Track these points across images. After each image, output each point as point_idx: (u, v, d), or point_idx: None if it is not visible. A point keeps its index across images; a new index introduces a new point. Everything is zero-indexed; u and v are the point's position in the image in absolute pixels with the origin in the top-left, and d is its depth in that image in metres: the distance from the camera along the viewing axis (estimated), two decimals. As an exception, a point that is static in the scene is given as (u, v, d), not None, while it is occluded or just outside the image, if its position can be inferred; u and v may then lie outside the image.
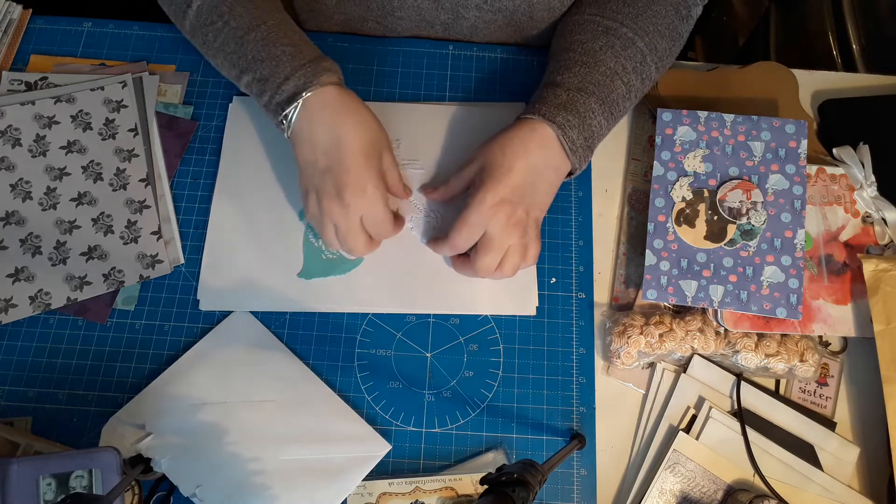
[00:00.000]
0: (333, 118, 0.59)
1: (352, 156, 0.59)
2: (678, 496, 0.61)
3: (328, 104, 0.60)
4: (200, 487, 0.59)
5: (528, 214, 0.61)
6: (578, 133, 0.61)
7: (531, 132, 0.61)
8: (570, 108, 0.61)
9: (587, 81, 0.62)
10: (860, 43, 1.05)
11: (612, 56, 0.63)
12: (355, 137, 0.59)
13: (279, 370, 0.64)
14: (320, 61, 0.61)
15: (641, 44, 0.64)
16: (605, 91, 0.62)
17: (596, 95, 0.62)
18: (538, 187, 0.61)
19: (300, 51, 0.61)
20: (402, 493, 0.60)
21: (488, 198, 0.59)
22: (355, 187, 0.59)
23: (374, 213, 0.60)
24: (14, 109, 0.71)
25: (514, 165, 0.60)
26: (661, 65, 0.66)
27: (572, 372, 0.66)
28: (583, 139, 0.61)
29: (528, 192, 0.60)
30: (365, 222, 0.61)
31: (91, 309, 0.66)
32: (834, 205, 0.70)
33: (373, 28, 0.77)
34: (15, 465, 0.52)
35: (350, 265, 0.67)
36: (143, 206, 0.69)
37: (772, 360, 0.63)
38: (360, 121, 0.60)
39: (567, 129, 0.60)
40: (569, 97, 0.61)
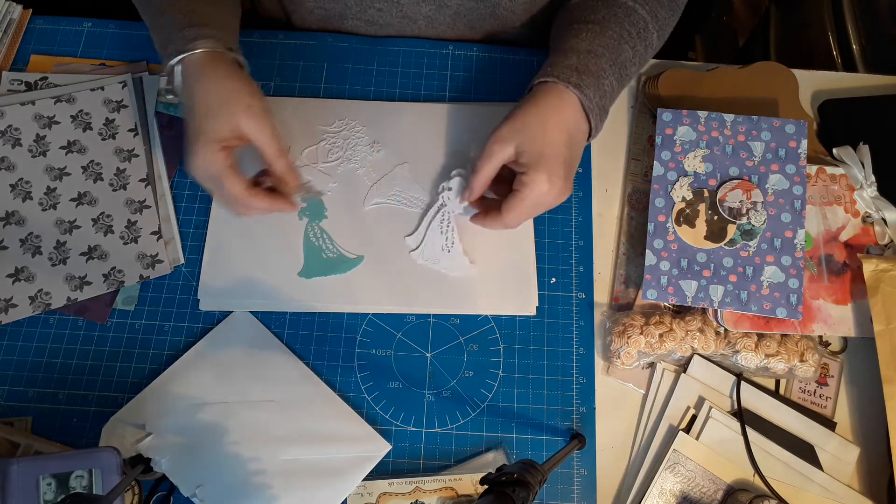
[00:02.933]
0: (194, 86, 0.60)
1: (192, 118, 0.60)
2: (678, 496, 0.61)
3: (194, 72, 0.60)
4: (200, 487, 0.59)
5: (569, 178, 0.61)
6: (594, 92, 0.61)
7: (559, 99, 0.61)
8: (584, 69, 0.61)
9: (596, 44, 0.63)
10: (860, 43, 1.05)
11: (615, 22, 0.64)
12: (199, 97, 0.60)
13: (279, 370, 0.64)
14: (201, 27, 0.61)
15: (643, 11, 0.65)
16: (615, 53, 0.63)
17: (606, 57, 0.62)
18: (575, 151, 0.62)
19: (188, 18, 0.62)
20: (402, 493, 0.60)
21: (547, 180, 0.59)
22: (189, 150, 0.59)
23: (207, 174, 0.60)
24: (14, 109, 0.71)
25: (558, 139, 0.60)
26: (662, 33, 0.67)
27: (572, 372, 0.66)
28: (598, 98, 0.62)
29: (572, 161, 0.61)
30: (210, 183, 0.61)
31: (91, 309, 0.66)
32: (834, 205, 0.70)
33: (354, 26, 0.76)
34: (15, 465, 0.52)
35: (350, 264, 0.67)
36: (143, 206, 0.69)
37: (772, 360, 0.63)
38: (210, 81, 0.60)
39: (585, 90, 0.61)
40: (580, 60, 0.62)
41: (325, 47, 0.77)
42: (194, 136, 0.59)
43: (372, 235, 0.69)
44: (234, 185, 0.59)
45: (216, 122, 0.59)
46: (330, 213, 0.69)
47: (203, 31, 0.61)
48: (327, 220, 0.69)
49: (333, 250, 0.68)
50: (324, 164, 0.71)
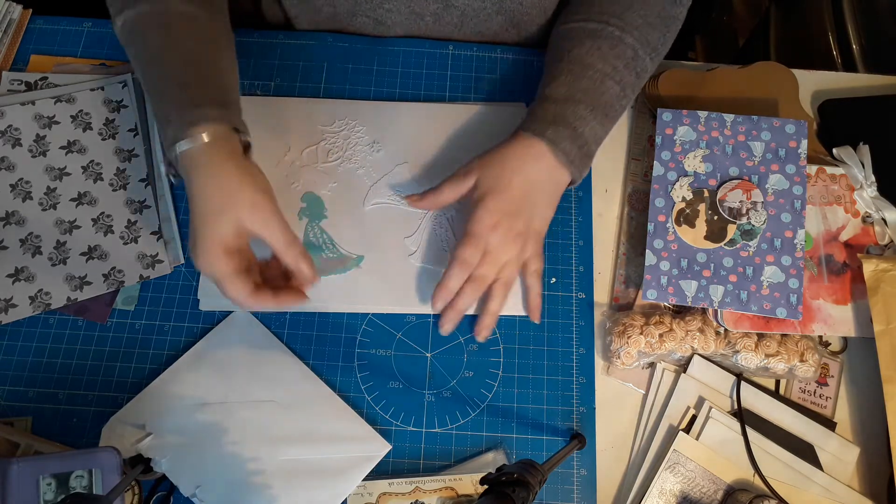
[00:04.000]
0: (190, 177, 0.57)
1: (195, 217, 0.56)
2: (678, 496, 0.61)
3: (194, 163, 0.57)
4: (200, 487, 0.59)
5: (529, 227, 0.62)
6: (571, 143, 0.62)
7: (526, 148, 0.62)
8: (560, 120, 0.62)
9: (575, 89, 0.63)
10: (860, 43, 1.05)
11: (599, 58, 0.63)
12: (201, 198, 0.56)
13: (279, 370, 0.64)
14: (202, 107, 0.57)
15: (630, 39, 0.64)
16: (595, 95, 0.63)
17: (585, 103, 0.62)
18: (537, 200, 0.63)
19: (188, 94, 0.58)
20: (402, 493, 0.60)
21: (489, 213, 0.61)
22: (193, 251, 0.56)
23: (209, 276, 0.57)
24: (14, 109, 0.71)
25: (512, 180, 0.61)
26: (656, 55, 0.67)
27: (572, 372, 0.66)
28: (576, 148, 0.62)
29: (527, 205, 0.62)
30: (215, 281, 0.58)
31: (91, 309, 0.66)
32: (834, 205, 0.70)
33: (363, 24, 0.76)
34: (15, 465, 0.52)
35: (351, 264, 0.67)
36: (143, 206, 0.69)
37: (772, 360, 0.63)
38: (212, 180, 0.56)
39: (558, 142, 0.61)
40: (557, 109, 0.62)
41: (324, 48, 0.77)
42: (197, 236, 0.56)
43: (372, 235, 0.69)
44: (237, 290, 0.56)
45: (218, 225, 0.56)
46: (330, 212, 0.69)
47: (204, 113, 0.57)
48: (327, 219, 0.69)
49: (334, 250, 0.68)
50: (323, 164, 0.71)
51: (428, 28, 0.77)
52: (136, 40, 0.61)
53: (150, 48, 0.60)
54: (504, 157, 0.62)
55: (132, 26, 0.61)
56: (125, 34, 0.62)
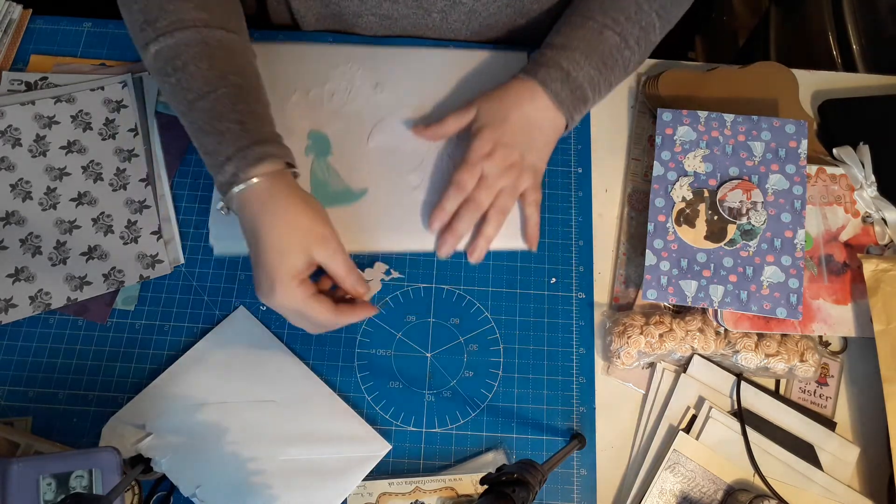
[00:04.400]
0: (256, 213, 0.57)
1: (264, 252, 0.57)
2: (678, 496, 0.61)
3: (257, 198, 0.58)
4: (200, 487, 0.59)
5: (524, 158, 0.65)
6: (562, 85, 0.64)
7: (522, 88, 0.65)
8: (553, 64, 0.65)
9: (571, 38, 0.66)
10: (860, 43, 1.05)
11: (599, 11, 0.66)
12: (272, 235, 0.57)
13: (279, 370, 0.64)
14: (262, 144, 0.58)
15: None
16: (592, 44, 0.65)
17: (580, 50, 0.65)
18: (534, 136, 0.65)
19: (247, 128, 0.59)
20: (402, 493, 0.60)
21: (487, 137, 0.64)
22: (267, 285, 0.57)
23: (290, 308, 0.58)
24: (14, 109, 0.71)
25: (509, 115, 0.65)
26: (664, 11, 0.67)
27: (572, 372, 0.66)
28: (568, 91, 0.64)
29: (523, 139, 0.65)
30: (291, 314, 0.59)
31: (91, 309, 0.66)
32: (834, 205, 0.70)
33: (367, 22, 0.76)
34: (15, 465, 0.52)
35: (355, 196, 0.70)
36: (143, 206, 0.69)
37: (772, 360, 0.63)
38: (280, 215, 0.58)
39: (549, 83, 0.64)
40: (552, 54, 0.65)
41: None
42: (272, 272, 0.56)
43: (375, 171, 0.71)
44: (321, 312, 0.58)
45: (292, 259, 0.57)
46: (335, 149, 0.72)
47: (265, 151, 0.58)
48: (332, 156, 0.71)
49: (339, 184, 0.70)
50: (328, 105, 0.74)
51: (435, 25, 0.77)
52: (175, 71, 0.59)
53: (196, 80, 0.58)
54: (503, 95, 0.66)
55: (170, 56, 0.59)
56: (161, 63, 0.59)
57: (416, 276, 0.69)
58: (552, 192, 0.72)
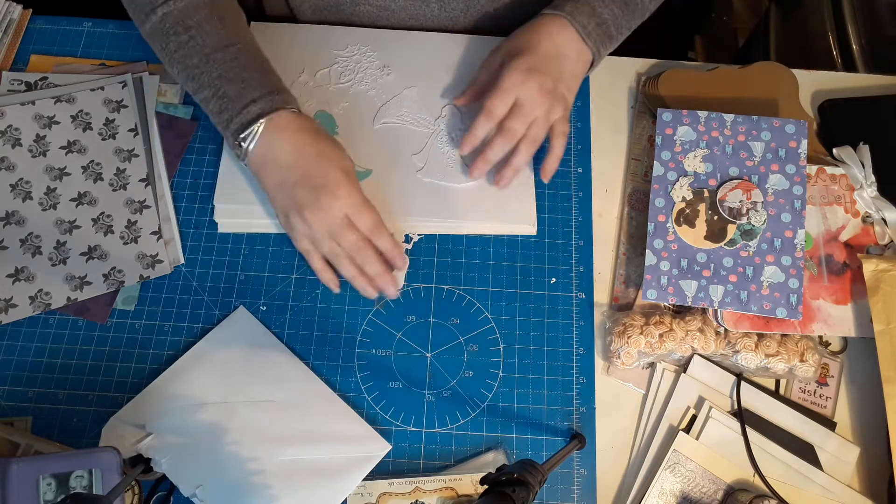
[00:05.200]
0: (294, 135, 0.61)
1: (317, 163, 0.61)
2: (678, 496, 0.61)
3: (289, 125, 0.61)
4: (200, 487, 0.59)
5: (556, 87, 0.65)
6: (589, 18, 0.66)
7: (549, 21, 0.66)
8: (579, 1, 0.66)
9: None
10: (860, 43, 1.05)
11: None
12: (319, 148, 0.61)
13: (279, 370, 0.64)
14: (285, 92, 0.64)
15: None
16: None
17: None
18: (564, 66, 0.66)
19: (267, 78, 0.64)
20: (402, 493, 0.60)
21: (521, 64, 0.63)
22: (328, 188, 0.60)
23: (353, 202, 0.61)
24: (14, 109, 0.71)
25: (541, 42, 0.65)
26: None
27: (572, 372, 0.66)
28: (594, 24, 0.66)
29: (554, 66, 0.65)
30: (351, 217, 0.61)
31: (91, 309, 0.66)
32: (834, 205, 0.70)
33: (364, 12, 0.76)
34: (15, 465, 0.52)
35: (359, 176, 0.69)
36: (143, 206, 0.69)
37: (772, 360, 0.63)
38: (322, 136, 0.63)
39: (576, 15, 0.65)
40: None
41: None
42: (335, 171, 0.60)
43: (380, 152, 0.72)
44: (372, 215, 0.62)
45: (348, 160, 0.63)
46: (340, 129, 0.72)
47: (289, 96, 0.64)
48: (338, 135, 0.72)
49: None
50: (336, 86, 0.75)
51: (433, 14, 0.77)
52: (188, 30, 0.62)
53: (212, 36, 0.62)
54: (531, 27, 0.67)
55: (181, 17, 0.62)
56: (170, 25, 0.62)
57: (416, 276, 0.69)
58: (552, 192, 0.72)
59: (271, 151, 0.61)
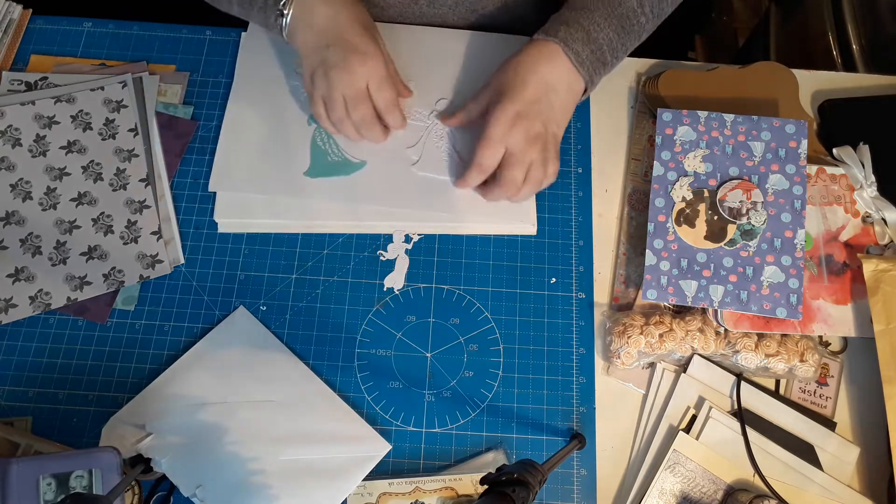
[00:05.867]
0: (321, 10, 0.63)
1: (351, 27, 0.62)
2: (678, 496, 0.61)
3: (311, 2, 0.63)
4: (200, 487, 0.59)
5: (546, 129, 0.63)
6: (583, 45, 0.63)
7: (538, 51, 0.64)
8: (573, 23, 0.63)
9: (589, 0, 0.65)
10: (860, 43, 1.05)
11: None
12: (352, 11, 0.63)
13: (279, 370, 0.64)
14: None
15: None
16: (611, 6, 0.64)
17: (600, 10, 0.64)
18: (553, 102, 0.64)
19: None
20: (402, 493, 0.60)
21: (506, 113, 0.62)
22: (359, 52, 0.62)
23: (379, 74, 0.63)
24: (14, 109, 0.71)
25: (526, 81, 0.63)
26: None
27: (572, 372, 0.66)
28: (589, 51, 0.63)
29: (543, 107, 0.63)
30: (371, 88, 0.63)
31: (91, 309, 0.66)
32: (834, 205, 0.70)
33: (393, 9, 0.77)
34: (15, 465, 0.52)
35: (353, 168, 0.71)
36: (143, 206, 0.69)
37: (772, 360, 0.63)
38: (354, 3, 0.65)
39: (570, 41, 0.63)
40: (571, 15, 0.64)
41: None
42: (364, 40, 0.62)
43: (375, 144, 0.71)
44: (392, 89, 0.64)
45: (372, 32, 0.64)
46: None
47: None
48: None
49: (338, 154, 0.71)
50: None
51: (422, 11, 0.77)
52: None
53: None
54: (518, 61, 0.64)
55: None
56: None
57: (416, 276, 0.69)
58: (552, 192, 0.72)
59: (303, 18, 0.63)
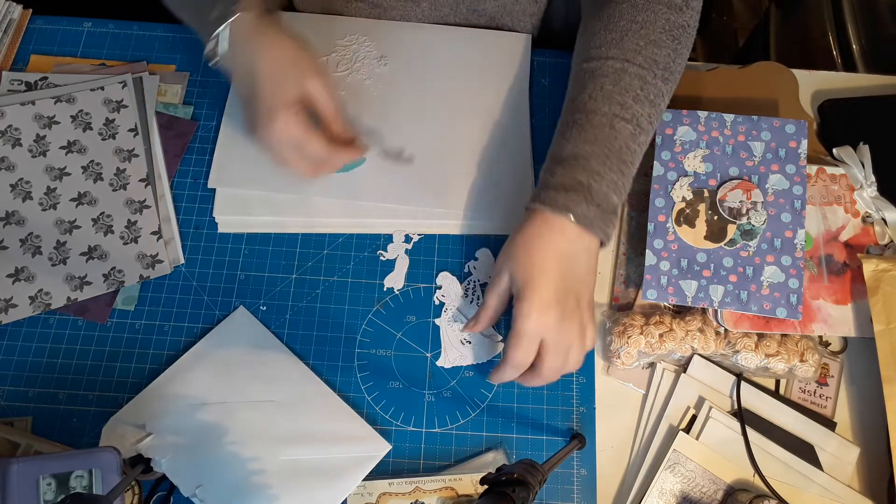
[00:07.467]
0: (248, 46, 0.59)
1: (261, 82, 0.59)
2: (678, 496, 0.61)
3: (248, 35, 0.59)
4: (200, 487, 0.59)
5: (578, 302, 0.58)
6: (587, 206, 0.57)
7: (545, 225, 0.58)
8: (570, 183, 0.58)
9: (581, 143, 0.59)
10: (860, 43, 1.05)
11: (603, 101, 0.60)
12: (265, 62, 0.59)
13: (279, 370, 0.64)
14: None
15: (634, 67, 0.61)
16: (606, 143, 0.59)
17: (595, 156, 0.58)
18: (577, 272, 0.58)
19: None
20: (402, 493, 0.60)
21: (535, 307, 0.56)
22: (265, 115, 0.59)
23: (289, 137, 0.60)
24: (14, 109, 0.71)
25: (545, 262, 0.57)
26: (670, 73, 0.62)
27: (572, 372, 0.66)
28: (596, 209, 0.58)
29: (569, 283, 0.58)
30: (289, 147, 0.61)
31: (91, 309, 0.66)
32: (834, 205, 0.70)
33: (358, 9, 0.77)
34: (15, 465, 0.52)
35: (353, 164, 0.70)
36: (143, 206, 0.69)
37: (772, 360, 0.63)
38: (272, 45, 0.60)
39: (574, 207, 0.57)
40: (566, 172, 0.58)
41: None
42: (270, 102, 0.59)
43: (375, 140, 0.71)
44: (319, 144, 0.60)
45: (290, 86, 0.59)
46: None
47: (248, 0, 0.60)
48: None
49: None
50: (333, 74, 0.75)
51: (424, 15, 0.77)
52: None
53: None
54: (527, 242, 0.58)
55: None
56: None
57: (416, 276, 0.69)
58: (552, 192, 0.72)
59: (233, 61, 0.61)
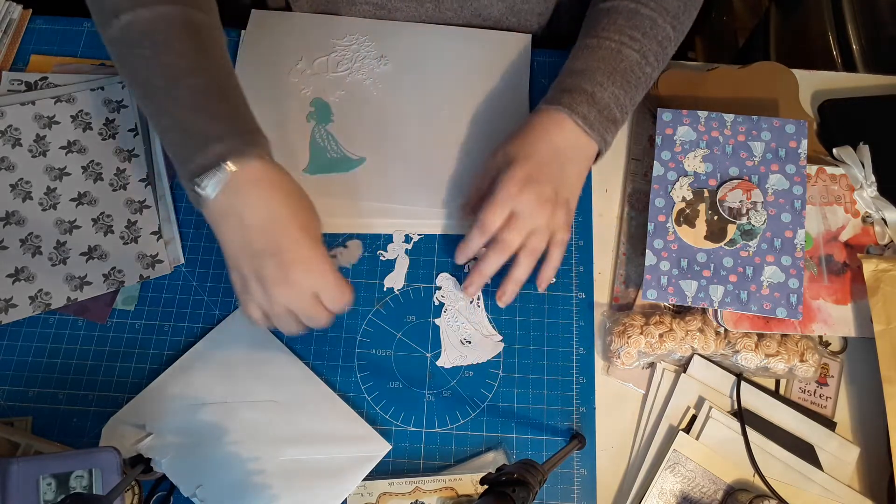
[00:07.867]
0: (267, 193, 0.54)
1: (292, 233, 0.54)
2: (678, 496, 0.61)
3: (261, 178, 0.54)
4: (200, 487, 0.59)
5: (557, 194, 0.61)
6: (589, 107, 0.62)
7: (546, 118, 0.62)
8: (575, 88, 0.62)
9: (590, 60, 0.64)
10: (860, 43, 1.05)
11: (615, 31, 0.64)
12: (294, 214, 0.55)
13: (279, 370, 0.64)
14: (256, 133, 0.56)
15: (647, 10, 0.65)
16: (613, 63, 0.63)
17: (602, 70, 0.63)
18: (566, 169, 0.62)
19: (239, 114, 0.56)
20: (402, 493, 0.60)
21: (516, 175, 0.60)
22: (303, 263, 0.54)
23: (328, 283, 0.55)
24: (14, 109, 0.71)
25: (537, 145, 0.61)
26: (678, 23, 0.66)
27: (572, 372, 0.66)
28: (596, 112, 0.62)
29: (555, 172, 0.61)
30: (324, 298, 0.56)
31: (91, 309, 0.66)
32: (834, 205, 0.70)
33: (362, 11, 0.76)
34: (15, 465, 0.52)
35: (353, 164, 0.71)
36: (143, 206, 0.69)
37: (772, 360, 0.63)
38: (296, 198, 0.56)
39: (575, 106, 0.61)
40: (572, 80, 0.63)
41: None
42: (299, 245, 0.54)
43: (374, 140, 0.72)
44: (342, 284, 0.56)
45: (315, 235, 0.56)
46: (336, 117, 0.73)
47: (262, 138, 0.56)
48: (333, 123, 0.73)
49: (337, 151, 0.71)
50: (333, 74, 0.75)
51: (428, 15, 0.77)
52: (154, 45, 0.54)
53: (183, 58, 0.54)
54: (527, 129, 0.63)
55: (147, 29, 0.54)
56: (134, 36, 0.55)
57: (416, 276, 0.69)
58: (552, 192, 0.72)
59: (237, 206, 0.53)
